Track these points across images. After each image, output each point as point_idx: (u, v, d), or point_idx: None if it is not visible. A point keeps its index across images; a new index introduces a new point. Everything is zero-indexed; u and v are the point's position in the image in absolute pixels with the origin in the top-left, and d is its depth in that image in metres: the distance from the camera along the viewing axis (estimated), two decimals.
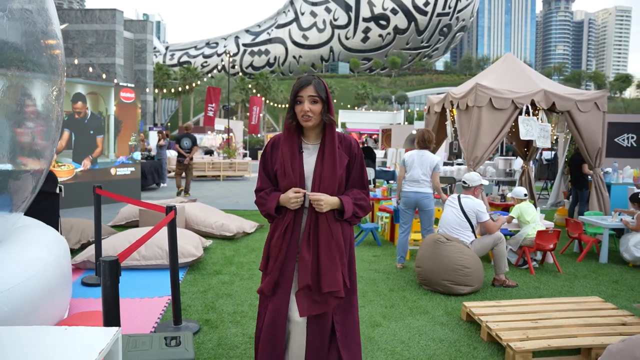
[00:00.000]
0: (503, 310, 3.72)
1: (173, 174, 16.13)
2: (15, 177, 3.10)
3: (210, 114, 26.71)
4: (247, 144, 33.44)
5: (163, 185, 13.53)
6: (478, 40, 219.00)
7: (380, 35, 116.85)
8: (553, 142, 15.69)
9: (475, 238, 4.97)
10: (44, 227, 3.70)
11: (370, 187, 9.97)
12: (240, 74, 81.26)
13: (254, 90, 53.02)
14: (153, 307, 3.99)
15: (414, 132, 12.18)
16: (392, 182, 10.56)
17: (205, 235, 6.54)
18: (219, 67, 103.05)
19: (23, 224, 3.57)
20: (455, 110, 7.23)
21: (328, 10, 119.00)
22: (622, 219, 6.00)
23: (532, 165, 12.40)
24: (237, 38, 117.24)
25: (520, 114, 6.88)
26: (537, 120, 6.83)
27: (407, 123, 38.51)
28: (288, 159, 2.20)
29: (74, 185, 8.82)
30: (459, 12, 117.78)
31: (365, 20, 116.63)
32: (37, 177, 3.30)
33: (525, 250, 5.50)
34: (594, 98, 7.13)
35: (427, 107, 8.60)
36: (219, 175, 16.70)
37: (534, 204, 8.05)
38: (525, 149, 9.40)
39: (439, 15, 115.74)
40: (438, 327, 3.70)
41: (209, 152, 23.08)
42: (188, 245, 5.15)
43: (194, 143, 11.04)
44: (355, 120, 39.85)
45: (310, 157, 2.25)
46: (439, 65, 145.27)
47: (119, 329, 1.62)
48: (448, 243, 4.62)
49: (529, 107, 6.85)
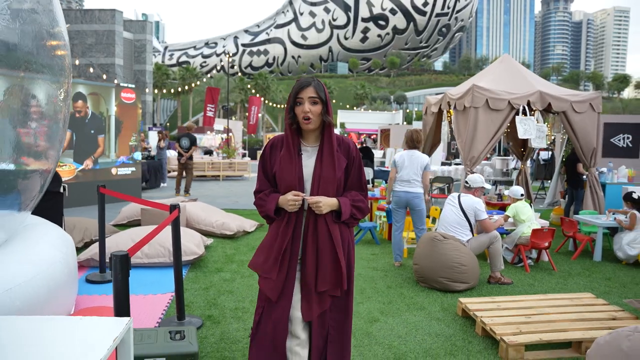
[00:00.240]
0: (498, 306, 3.83)
1: (173, 174, 16.30)
2: (24, 176, 3.19)
3: (210, 114, 26.80)
4: (246, 144, 33.55)
5: (163, 185, 13.62)
6: (477, 41, 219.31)
7: (379, 36, 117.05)
8: (550, 142, 15.81)
9: (473, 236, 5.08)
10: (51, 225, 3.80)
11: (369, 186, 10.08)
12: (239, 74, 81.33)
13: (253, 91, 53.07)
14: (156, 303, 4.09)
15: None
16: None
17: (206, 234, 6.64)
18: (218, 67, 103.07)
19: (30, 222, 3.67)
20: (453, 111, 7.34)
21: (327, 11, 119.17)
22: (615, 218, 6.11)
23: (529, 165, 12.52)
24: (236, 38, 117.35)
25: (517, 115, 6.98)
26: (534, 120, 6.94)
27: (405, 123, 38.61)
28: (287, 161, 2.20)
29: (75, 185, 8.91)
30: (458, 12, 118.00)
31: (364, 21, 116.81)
32: (44, 176, 3.40)
33: (521, 249, 5.61)
34: (589, 99, 7.24)
35: (425, 107, 8.71)
36: (219, 175, 16.80)
37: (530, 204, 8.15)
38: (522, 149, 9.52)
39: (438, 16, 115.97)
40: (434, 322, 3.81)
41: (209, 152, 23.18)
42: (190, 244, 5.25)
43: (193, 143, 11.12)
44: (354, 120, 39.91)
45: (309, 159, 2.25)
46: (438, 66, 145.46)
47: (131, 319, 1.71)
48: (445, 241, 4.72)
49: (525, 107, 6.95)
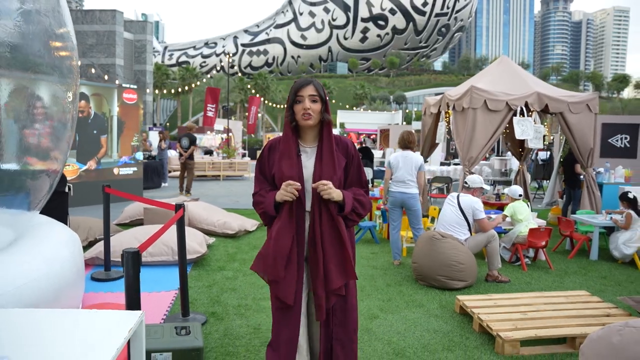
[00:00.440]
0: (494, 303, 3.92)
1: (174, 174, 16.38)
2: (34, 177, 3.28)
3: (210, 114, 26.85)
4: (246, 144, 33.63)
5: (164, 185, 13.70)
6: (476, 41, 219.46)
7: (379, 36, 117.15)
8: (548, 143, 15.90)
9: (471, 235, 5.17)
10: (58, 224, 3.88)
11: (369, 186, 10.17)
12: (239, 74, 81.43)
13: (253, 91, 53.17)
14: (161, 300, 4.18)
15: (413, 132, 12.37)
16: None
17: (208, 233, 6.73)
18: (218, 67, 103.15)
19: (38, 221, 3.76)
20: (452, 112, 7.43)
21: (326, 11, 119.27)
22: (612, 218, 6.20)
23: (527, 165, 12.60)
24: (235, 38, 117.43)
25: (515, 116, 7.08)
26: (531, 121, 7.03)
27: (405, 123, 38.72)
28: (288, 163, 2.22)
29: (78, 185, 8.99)
30: (457, 12, 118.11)
31: (364, 21, 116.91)
32: (53, 177, 3.48)
33: (518, 248, 5.70)
34: (586, 100, 7.34)
35: (424, 108, 8.80)
36: (219, 175, 16.89)
37: (529, 204, 8.24)
38: (520, 149, 9.60)
39: (437, 16, 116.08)
40: (432, 319, 3.90)
41: (209, 152, 23.27)
42: (193, 243, 5.34)
43: (192, 142, 11.25)
44: (354, 121, 40.03)
45: (309, 160, 2.27)
46: (437, 66, 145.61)
47: (143, 313, 1.80)
48: (443, 240, 4.81)
49: (523, 108, 7.05)
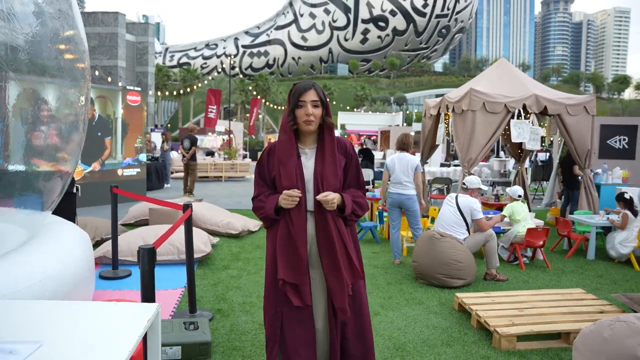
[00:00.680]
0: (492, 301, 4.04)
1: (176, 175, 16.52)
2: (47, 178, 3.40)
3: (211, 116, 26.98)
4: (247, 146, 33.77)
5: (167, 186, 13.83)
6: (477, 42, 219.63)
7: (379, 37, 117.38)
8: (547, 144, 16.01)
9: (469, 235, 5.29)
10: (69, 223, 4.01)
11: (369, 187, 10.29)
12: (240, 76, 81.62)
13: (254, 92, 53.33)
14: (168, 298, 4.30)
15: (413, 133, 12.51)
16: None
17: (212, 233, 6.84)
18: (219, 68, 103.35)
19: (50, 221, 3.88)
20: (451, 114, 7.55)
21: (327, 12, 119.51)
22: (608, 218, 6.31)
23: (527, 166, 12.71)
24: (236, 39, 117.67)
25: (513, 118, 7.19)
26: (528, 124, 7.15)
27: (405, 124, 38.86)
28: (288, 165, 2.23)
29: (83, 186, 9.09)
30: (458, 13, 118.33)
31: (364, 22, 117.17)
32: (65, 178, 3.60)
33: (516, 247, 5.81)
34: (583, 102, 7.45)
35: (424, 110, 8.92)
36: (221, 176, 17.01)
37: (528, 205, 8.37)
38: (519, 151, 9.72)
39: (438, 17, 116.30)
40: (432, 315, 4.02)
41: (210, 153, 23.39)
42: (198, 242, 5.45)
43: (193, 143, 11.44)
44: (354, 122, 40.18)
45: (309, 161, 2.29)
46: (438, 67, 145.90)
47: (159, 305, 1.92)
48: (442, 239, 4.93)
49: (521, 110, 7.16)
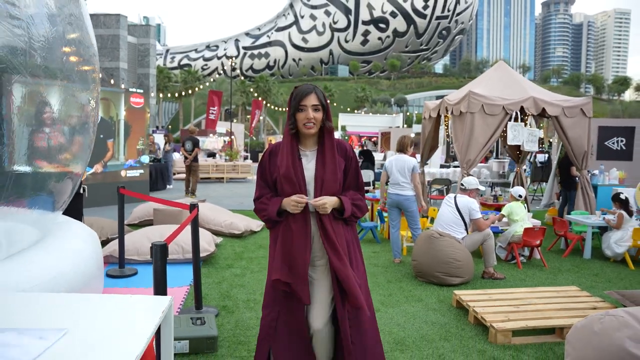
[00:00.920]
0: (489, 297, 4.16)
1: (178, 176, 16.65)
2: (58, 179, 3.53)
3: (212, 117, 27.13)
4: (248, 147, 33.92)
5: (169, 187, 13.97)
6: (477, 43, 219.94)
7: (380, 38, 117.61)
8: (547, 145, 16.13)
9: (467, 234, 5.41)
10: (78, 223, 4.13)
11: (370, 188, 10.42)
12: (241, 77, 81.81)
13: (256, 94, 53.51)
14: (174, 295, 4.42)
15: (413, 135, 12.63)
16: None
17: (215, 233, 6.96)
18: (219, 69, 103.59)
19: (61, 221, 4.00)
20: (450, 116, 7.67)
21: (327, 14, 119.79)
22: (604, 218, 6.44)
23: (525, 167, 12.81)
24: (237, 41, 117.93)
25: (510, 120, 7.32)
26: (524, 126, 7.28)
27: (406, 126, 38.99)
28: (290, 166, 2.27)
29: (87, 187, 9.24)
30: (458, 15, 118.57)
31: (365, 24, 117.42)
32: (75, 180, 3.73)
33: (514, 247, 5.94)
34: (580, 104, 7.57)
35: (424, 112, 9.05)
36: (223, 178, 17.15)
37: (527, 205, 8.48)
38: (518, 152, 9.84)
39: (438, 18, 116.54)
40: (430, 312, 4.14)
41: (212, 154, 23.52)
42: (202, 242, 5.57)
43: (195, 145, 11.61)
44: (355, 123, 40.34)
45: (309, 163, 2.32)
46: (438, 68, 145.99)
47: (172, 298, 2.04)
48: (441, 238, 5.05)
49: (518, 113, 7.29)
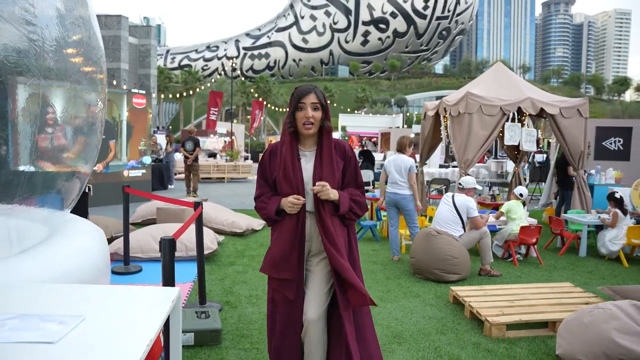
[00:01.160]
0: (485, 293, 4.28)
1: (179, 176, 16.78)
2: (67, 179, 3.64)
3: (213, 118, 27.26)
4: (248, 147, 34.07)
5: (170, 187, 14.09)
6: (477, 44, 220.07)
7: (380, 39, 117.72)
8: (545, 145, 16.24)
9: (464, 232, 5.53)
10: (86, 221, 4.25)
11: (370, 188, 10.54)
12: (241, 78, 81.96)
13: (256, 95, 53.66)
14: None
15: (413, 135, 12.74)
16: None
17: (218, 232, 7.08)
18: (220, 70, 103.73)
19: (69, 219, 4.12)
20: (448, 117, 7.79)
21: (328, 14, 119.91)
22: (600, 217, 6.55)
23: (526, 167, 12.93)
24: (237, 41, 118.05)
25: (508, 120, 7.43)
26: (522, 126, 7.39)
27: (406, 126, 39.11)
28: (288, 166, 2.30)
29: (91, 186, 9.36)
30: (458, 15, 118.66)
31: (365, 24, 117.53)
32: (83, 179, 3.85)
33: (510, 245, 6.05)
34: (577, 105, 7.69)
35: (423, 112, 9.18)
36: (223, 178, 17.27)
37: (524, 205, 8.59)
38: (516, 152, 9.95)
39: (438, 19, 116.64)
40: (428, 307, 4.26)
41: (212, 155, 23.65)
42: (205, 240, 5.66)
43: (196, 145, 11.76)
44: (355, 124, 40.44)
45: (308, 163, 2.35)
46: (439, 69, 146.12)
47: (180, 289, 2.16)
48: (439, 236, 5.17)
49: (515, 113, 7.40)
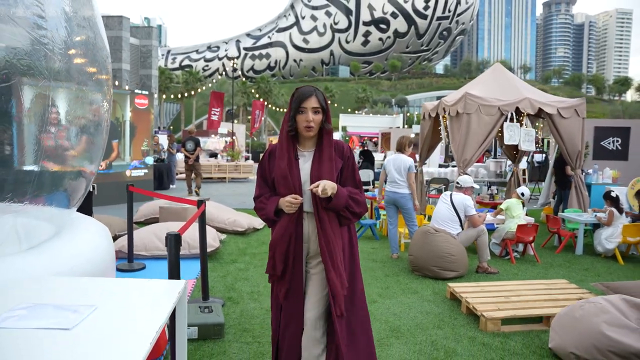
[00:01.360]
0: (481, 289, 4.37)
1: (181, 176, 16.90)
2: (73, 178, 3.75)
3: (214, 118, 27.34)
4: (249, 147, 34.19)
5: (172, 187, 14.20)
6: (478, 44, 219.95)
7: (381, 39, 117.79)
8: (546, 145, 16.32)
9: (462, 230, 5.62)
10: (91, 219, 4.35)
11: (369, 187, 10.64)
12: (242, 78, 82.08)
13: (257, 95, 53.78)
14: None
15: (413, 135, 12.84)
16: None
17: (219, 230, 7.18)
18: (220, 70, 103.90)
19: (75, 217, 4.22)
20: (447, 117, 7.89)
21: (328, 14, 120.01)
22: (596, 215, 6.65)
23: (525, 167, 13.01)
24: (238, 42, 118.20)
25: (506, 120, 7.53)
26: (520, 126, 7.49)
27: (406, 126, 39.20)
28: (286, 166, 2.30)
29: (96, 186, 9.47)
30: (459, 15, 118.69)
31: (366, 24, 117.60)
32: (89, 178, 3.95)
33: (507, 243, 6.15)
34: (574, 105, 7.78)
35: (422, 113, 9.27)
36: (225, 177, 17.38)
37: (522, 205, 8.68)
38: (515, 152, 10.05)
39: (439, 19, 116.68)
40: (425, 303, 4.36)
41: (214, 155, 23.78)
42: (207, 237, 5.79)
43: (197, 145, 11.89)
44: (356, 124, 40.49)
45: (306, 164, 2.35)
46: (439, 69, 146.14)
47: (186, 281, 2.26)
48: (437, 234, 5.27)
49: (513, 113, 7.50)
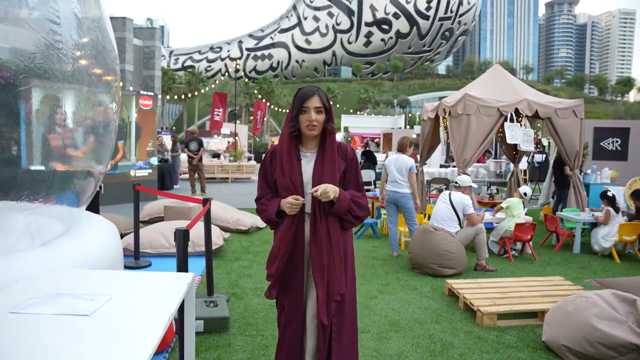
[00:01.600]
0: (478, 286, 4.49)
1: (184, 176, 17.05)
2: (83, 178, 3.88)
3: (217, 119, 27.48)
4: (252, 148, 34.34)
5: (176, 187, 14.35)
6: (480, 44, 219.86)
7: (383, 40, 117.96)
8: (546, 145, 16.41)
9: (460, 229, 5.74)
10: (100, 217, 4.49)
11: (371, 187, 10.77)
12: (244, 79, 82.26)
13: (260, 96, 53.95)
14: None
15: (415, 136, 12.97)
16: None
17: (223, 229, 7.31)
18: (223, 71, 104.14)
19: (84, 215, 4.35)
20: (447, 117, 8.01)
21: (331, 15, 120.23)
22: (593, 214, 6.75)
23: (525, 167, 13.12)
24: (240, 42, 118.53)
25: (505, 121, 7.64)
26: (520, 127, 7.60)
27: (408, 127, 39.33)
28: (288, 167, 2.29)
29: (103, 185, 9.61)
30: (461, 16, 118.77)
31: (368, 25, 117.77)
32: (98, 178, 4.09)
33: (506, 241, 6.26)
34: (572, 106, 7.89)
35: (423, 113, 9.40)
36: (227, 178, 17.52)
37: (523, 204, 8.79)
38: (515, 153, 10.15)
39: (441, 20, 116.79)
40: (424, 299, 4.48)
41: (216, 155, 23.93)
42: (212, 235, 5.92)
43: (200, 145, 12.06)
44: (358, 125, 40.71)
45: (309, 164, 2.34)
46: (441, 69, 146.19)
47: (194, 274, 2.38)
48: (436, 232, 5.39)
49: (513, 114, 7.62)
